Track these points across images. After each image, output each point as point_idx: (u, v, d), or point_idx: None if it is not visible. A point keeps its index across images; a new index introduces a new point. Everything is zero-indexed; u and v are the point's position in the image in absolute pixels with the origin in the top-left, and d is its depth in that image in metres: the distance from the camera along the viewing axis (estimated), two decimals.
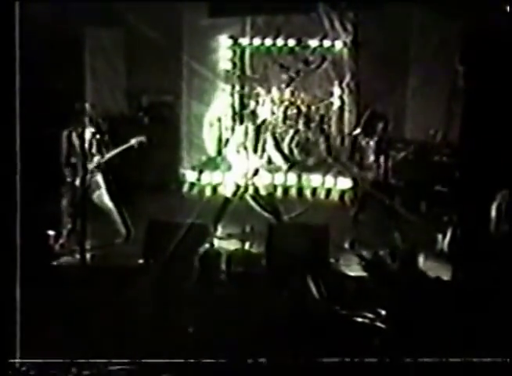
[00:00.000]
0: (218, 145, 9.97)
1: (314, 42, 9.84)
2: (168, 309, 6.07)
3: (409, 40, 9.41)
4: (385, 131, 8.02)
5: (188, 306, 6.08)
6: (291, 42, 9.87)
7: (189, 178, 9.94)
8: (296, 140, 10.07)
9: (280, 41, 9.88)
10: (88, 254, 7.27)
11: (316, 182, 9.78)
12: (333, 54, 9.87)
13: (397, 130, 8.79)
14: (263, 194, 8.23)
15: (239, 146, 8.18)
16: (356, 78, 9.73)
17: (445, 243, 7.59)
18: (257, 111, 9.33)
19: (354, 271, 7.22)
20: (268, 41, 9.89)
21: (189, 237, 7.00)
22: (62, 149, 7.67)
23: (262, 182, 8.22)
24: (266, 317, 5.99)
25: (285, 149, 9.64)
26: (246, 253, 7.80)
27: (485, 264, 6.56)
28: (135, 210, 8.11)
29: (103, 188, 7.85)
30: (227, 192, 8.30)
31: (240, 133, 8.26)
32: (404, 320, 5.98)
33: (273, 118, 10.06)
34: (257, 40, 9.90)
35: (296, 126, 10.10)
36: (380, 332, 5.91)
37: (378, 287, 6.57)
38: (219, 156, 9.82)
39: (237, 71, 10.11)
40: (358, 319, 6.12)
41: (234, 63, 10.11)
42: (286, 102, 10.11)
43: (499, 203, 7.22)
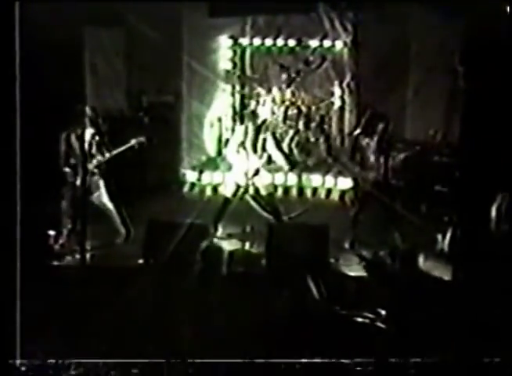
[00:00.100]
0: (219, 145, 9.98)
1: (314, 42, 9.85)
2: (168, 309, 6.06)
3: (409, 40, 9.42)
4: (385, 131, 8.02)
5: (188, 306, 6.08)
6: (291, 42, 9.89)
7: (190, 178, 9.96)
8: (296, 140, 10.08)
9: (280, 41, 9.90)
10: (88, 254, 7.27)
11: (316, 182, 9.79)
12: (333, 54, 9.89)
13: (397, 130, 8.78)
14: (263, 194, 8.23)
15: (239, 146, 8.17)
16: (356, 78, 9.74)
17: (445, 243, 7.58)
18: (257, 111, 9.36)
19: (354, 271, 7.22)
20: (268, 41, 9.91)
21: (189, 237, 7.00)
22: (62, 149, 7.68)
23: (262, 182, 8.22)
24: (266, 317, 5.98)
25: (285, 149, 9.65)
26: (246, 253, 7.80)
27: (485, 264, 6.55)
28: (135, 210, 8.11)
29: (103, 188, 7.85)
30: (227, 192, 8.30)
31: (240, 133, 8.26)
32: (404, 320, 5.98)
33: (273, 118, 10.08)
34: (257, 40, 9.91)
35: (296, 126, 10.11)
36: (380, 332, 5.92)
37: (378, 287, 6.57)
38: (219, 156, 9.83)
39: (237, 71, 10.12)
40: (358, 319, 6.12)
41: (234, 63, 10.12)
42: (286, 102, 10.12)
43: (499, 203, 7.23)
